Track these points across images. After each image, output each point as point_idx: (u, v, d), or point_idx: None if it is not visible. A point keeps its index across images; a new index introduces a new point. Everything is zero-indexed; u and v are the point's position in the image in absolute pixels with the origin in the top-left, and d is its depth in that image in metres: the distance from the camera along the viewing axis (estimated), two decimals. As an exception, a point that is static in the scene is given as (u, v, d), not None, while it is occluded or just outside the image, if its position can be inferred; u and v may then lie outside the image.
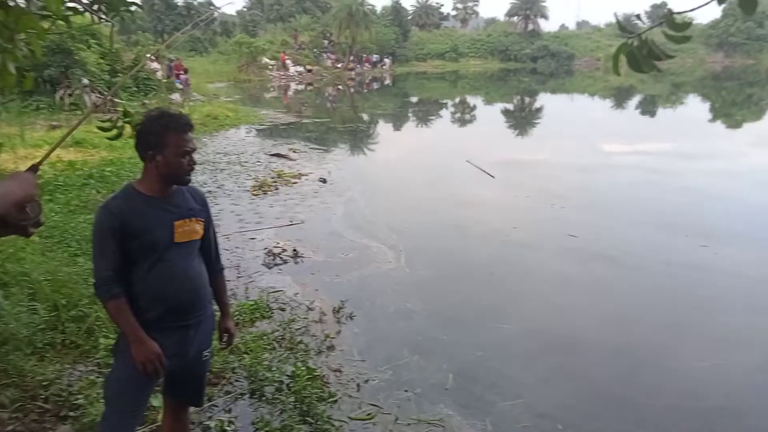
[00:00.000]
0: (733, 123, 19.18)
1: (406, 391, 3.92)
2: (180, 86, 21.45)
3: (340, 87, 34.76)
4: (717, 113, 22.04)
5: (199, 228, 2.44)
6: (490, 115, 23.08)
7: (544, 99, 28.87)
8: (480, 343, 4.60)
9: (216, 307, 2.65)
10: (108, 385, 2.43)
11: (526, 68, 48.41)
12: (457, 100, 29.19)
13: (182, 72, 22.39)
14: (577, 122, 19.06)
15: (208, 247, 2.55)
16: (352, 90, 34.32)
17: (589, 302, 5.44)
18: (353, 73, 43.64)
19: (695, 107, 24.02)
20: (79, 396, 3.35)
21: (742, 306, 5.27)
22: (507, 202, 8.93)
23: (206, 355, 2.60)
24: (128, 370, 2.29)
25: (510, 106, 26.06)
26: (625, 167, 11.36)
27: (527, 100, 28.58)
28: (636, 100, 27.76)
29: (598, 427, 3.65)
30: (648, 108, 24.72)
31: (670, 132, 16.77)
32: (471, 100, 28.93)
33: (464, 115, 23.62)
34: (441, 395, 3.88)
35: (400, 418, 3.62)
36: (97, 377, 3.58)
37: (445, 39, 55.62)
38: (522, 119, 21.84)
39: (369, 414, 3.65)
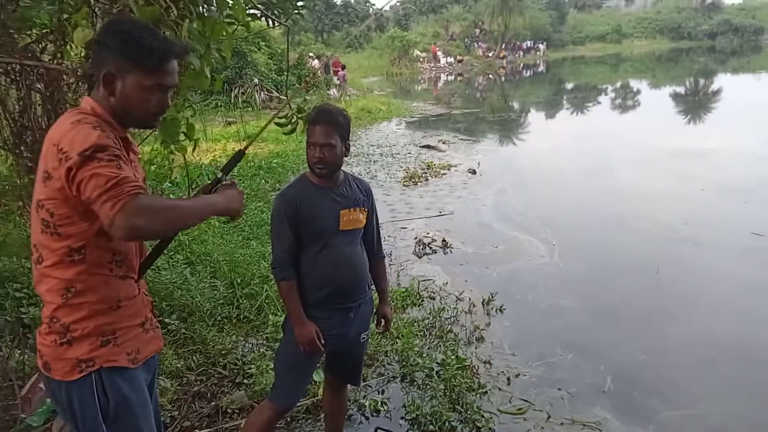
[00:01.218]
0: None
1: (559, 389, 3.78)
2: (337, 82, 22.60)
3: (490, 76, 34.16)
4: None
5: (362, 217, 2.58)
6: (656, 99, 21.14)
7: (722, 80, 25.75)
8: (642, 347, 4.28)
9: (375, 292, 2.78)
10: (277, 357, 2.67)
11: (702, 47, 43.50)
12: (618, 84, 27.17)
13: (340, 68, 23.54)
14: (762, 106, 16.72)
15: (370, 235, 2.69)
16: (503, 79, 33.54)
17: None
18: (505, 61, 42.61)
19: None
20: (252, 366, 3.71)
21: None
22: (677, 196, 8.13)
23: (364, 337, 2.74)
24: (294, 347, 2.50)
25: (681, 90, 23.64)
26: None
27: (702, 82, 25.71)
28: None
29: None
30: None
31: None
32: (635, 84, 26.75)
33: (626, 101, 21.91)
34: (597, 397, 3.69)
35: (552, 416, 3.50)
36: (267, 350, 3.94)
37: (606, 20, 51.97)
38: (695, 104, 19.70)
39: (519, 409, 3.58)
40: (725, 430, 3.34)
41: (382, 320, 2.80)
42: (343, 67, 23.94)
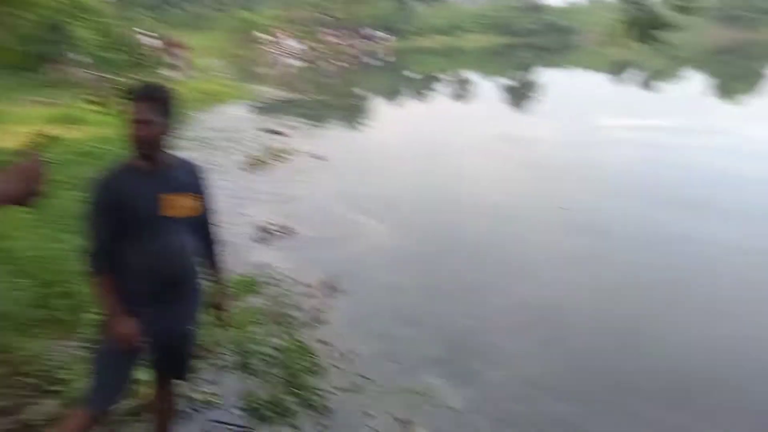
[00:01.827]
0: (731, 97, 19.00)
1: (395, 362, 3.93)
2: (176, 63, 21.21)
3: (338, 63, 34.37)
4: (716, 87, 21.83)
5: (192, 203, 2.41)
6: (488, 90, 22.88)
7: (544, 74, 28.59)
8: (470, 315, 4.62)
9: (208, 282, 2.64)
10: (92, 358, 2.44)
11: (527, 43, 47.87)
12: (456, 75, 28.92)
13: (178, 48, 22.10)
14: (576, 97, 18.88)
15: (204, 222, 2.53)
16: (350, 66, 33.95)
17: (580, 275, 5.43)
18: (352, 48, 43.15)
19: (696, 81, 23.77)
20: (64, 371, 3.36)
21: (729, 278, 5.27)
22: (501, 177, 8.88)
23: (192, 330, 2.59)
24: (110, 345, 2.30)
25: (509, 82, 25.82)
26: (621, 142, 11.28)
27: (527, 75, 28.31)
28: (637, 74, 27.48)
29: (584, 394, 3.66)
30: (648, 83, 24.48)
31: (668, 106, 16.63)
32: (470, 75, 28.66)
33: (463, 91, 23.41)
34: (430, 366, 3.90)
35: (387, 388, 3.64)
36: (82, 353, 3.58)
37: (448, 14, 54.80)
38: (520, 94, 21.65)
39: (356, 385, 3.67)
40: (535, 383, 3.71)
41: (219, 310, 2.69)
42: (182, 47, 22.53)
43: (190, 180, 2.44)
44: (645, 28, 1.40)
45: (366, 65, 34.27)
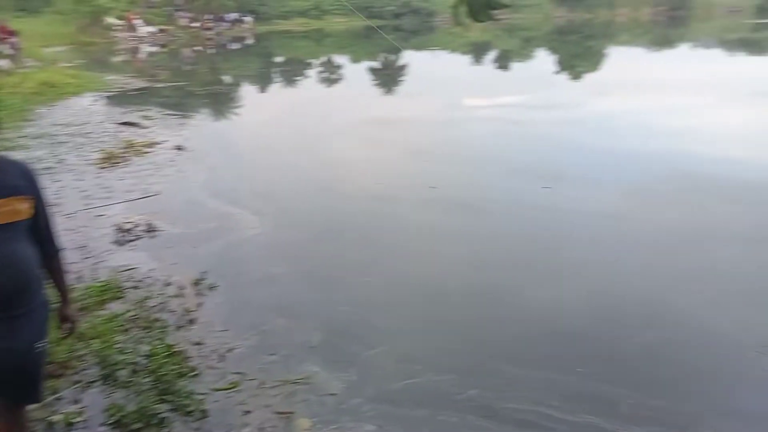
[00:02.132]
0: (576, 74, 20.82)
1: (271, 354, 3.88)
2: (8, 52, 18.92)
3: (197, 48, 32.69)
4: (562, 65, 23.77)
5: (24, 207, 2.15)
6: (356, 73, 23.02)
7: (408, 56, 29.34)
8: (347, 299, 4.66)
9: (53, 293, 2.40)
10: None
11: (390, 25, 48.76)
12: (323, 59, 28.74)
13: (8, 35, 19.70)
14: (439, 78, 19.61)
15: (39, 227, 2.27)
16: (210, 51, 32.44)
17: (450, 249, 5.70)
18: (211, 32, 41.19)
19: (544, 60, 25.71)
20: None
21: (581, 240, 5.81)
22: (372, 160, 9.02)
23: (39, 347, 2.34)
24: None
25: (376, 64, 26.17)
26: (482, 120, 11.93)
27: (392, 57, 28.88)
28: (492, 55, 29.12)
29: (456, 363, 3.86)
30: (503, 62, 26.05)
31: (522, 84, 17.84)
32: (337, 59, 28.64)
33: (331, 75, 23.35)
34: (307, 354, 3.90)
35: (265, 382, 3.59)
36: None
37: (309, -5, 54.03)
38: (387, 77, 22.06)
39: (232, 383, 3.57)
40: (410, 358, 3.86)
41: (66, 323, 2.46)
42: (14, 34, 20.12)
43: (19, 182, 2.18)
44: (482, 7, 1.47)
45: (227, 49, 32.96)
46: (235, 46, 34.86)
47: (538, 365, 3.84)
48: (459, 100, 14.82)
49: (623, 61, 23.58)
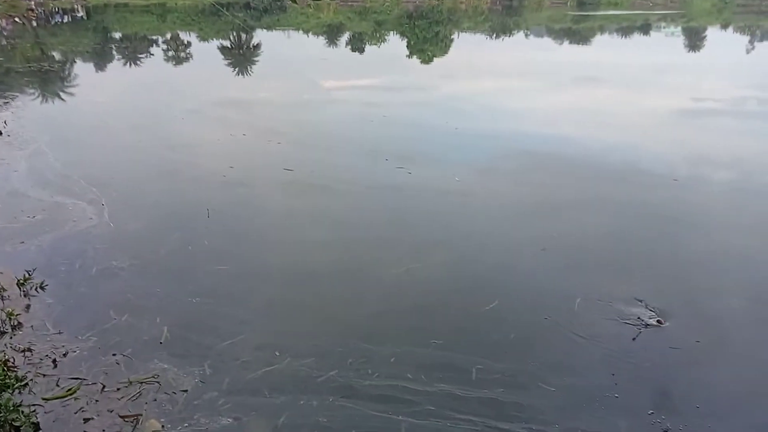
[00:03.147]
0: (426, 58, 21.64)
1: (113, 355, 3.57)
2: None
3: (17, 19, 28.79)
4: (413, 49, 24.57)
5: None
6: (206, 52, 21.79)
7: (261, 35, 28.42)
8: (198, 290, 4.42)
9: None
10: None
11: (239, 3, 46.81)
12: (168, 35, 26.81)
13: None
14: (294, 59, 19.26)
15: None
16: (34, 24, 28.75)
17: (307, 232, 5.64)
18: (33, 3, 36.48)
19: (396, 44, 26.37)
20: None
21: (434, 217, 6.05)
22: (224, 143, 8.61)
23: None
24: None
25: (227, 43, 25.00)
26: (338, 102, 11.93)
27: (244, 36, 27.77)
28: (346, 36, 29.23)
29: (316, 345, 3.84)
30: (357, 45, 26.27)
31: (376, 67, 18.14)
32: (184, 36, 26.89)
33: (178, 53, 21.85)
34: (155, 351, 3.64)
35: (107, 385, 3.29)
36: None
37: (147, -32, 49.84)
38: (240, 57, 21.18)
39: (69, 390, 3.23)
40: (267, 345, 3.77)
41: None
42: None
43: None
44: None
45: (57, 23, 29.48)
46: (63, 18, 31.25)
47: (395, 340, 3.95)
48: (314, 81, 14.68)
49: (468, 46, 24.99)
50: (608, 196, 6.58)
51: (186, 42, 25.12)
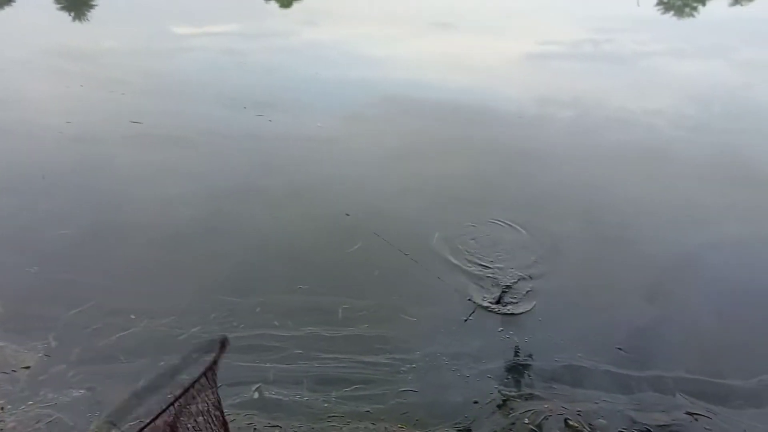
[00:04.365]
0: (286, 3, 20.82)
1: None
2: None
3: None
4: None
5: None
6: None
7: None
8: (36, 259, 4.02)
9: None
10: None
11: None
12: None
13: None
14: (140, 4, 17.56)
15: None
16: None
17: (162, 187, 5.31)
18: None
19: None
20: None
21: (298, 164, 5.96)
22: (59, 96, 7.74)
23: None
24: None
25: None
26: (192, 49, 11.14)
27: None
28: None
29: (175, 304, 3.70)
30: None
31: (233, 13, 17.11)
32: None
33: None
34: (-11, 328, 3.29)
35: (-70, 373, 2.93)
36: None
37: None
38: (75, 0, 18.88)
39: None
40: (121, 310, 3.56)
41: None
42: None
43: None
44: None
45: None
46: None
47: (261, 291, 3.91)
48: (165, 28, 13.55)
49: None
50: (464, 136, 6.90)
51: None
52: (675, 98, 8.58)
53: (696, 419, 2.95)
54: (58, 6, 17.15)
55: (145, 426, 1.69)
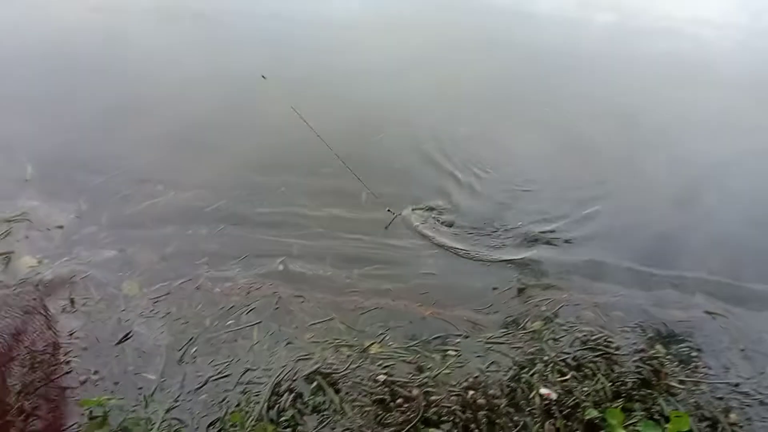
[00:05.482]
0: None
1: (-28, 195, 3.25)
2: None
3: None
4: None
5: None
6: None
7: None
8: (65, 126, 4.04)
9: None
10: None
11: None
12: None
13: None
14: None
15: None
16: None
17: (183, 64, 5.17)
18: None
19: None
20: None
21: (329, 51, 5.71)
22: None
23: None
24: None
25: None
26: None
27: None
28: None
29: (201, 178, 3.71)
30: None
31: None
32: None
33: None
34: (21, 189, 3.37)
35: (-31, 226, 3.03)
36: None
37: None
38: None
39: None
40: (149, 178, 3.59)
41: None
42: None
43: None
44: None
45: None
46: None
47: (285, 171, 3.89)
48: None
49: None
50: (498, 37, 6.51)
51: None
52: (726, 6, 7.96)
53: (714, 318, 2.97)
54: None
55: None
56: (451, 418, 2.38)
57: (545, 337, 2.80)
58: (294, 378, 2.50)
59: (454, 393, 2.48)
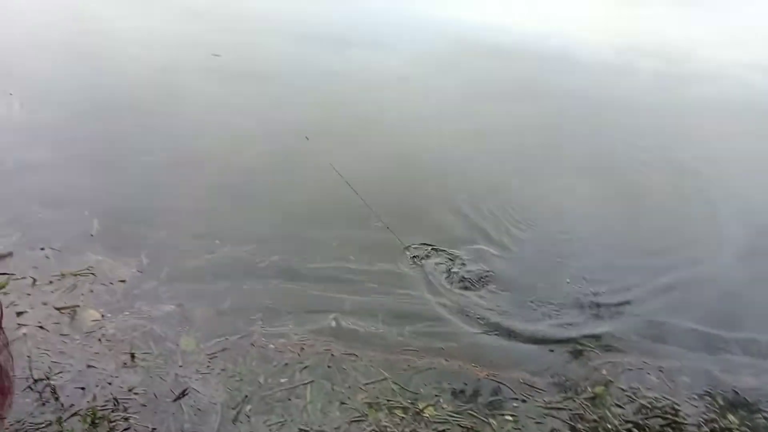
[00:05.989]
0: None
1: (42, 249, 3.40)
2: None
3: None
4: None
5: None
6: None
7: None
8: (126, 182, 4.21)
9: None
10: None
11: None
12: None
13: None
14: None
15: None
16: None
17: (238, 120, 5.38)
18: None
19: None
20: None
21: (373, 102, 5.90)
22: (143, 27, 7.89)
23: None
24: None
25: None
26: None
27: None
28: None
29: (255, 233, 3.79)
30: None
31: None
32: None
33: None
34: (86, 244, 3.49)
35: (39, 279, 3.16)
36: None
37: None
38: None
39: (-2, 285, 3.08)
40: (207, 234, 3.69)
41: None
42: None
43: None
44: None
45: None
46: None
47: (336, 225, 3.95)
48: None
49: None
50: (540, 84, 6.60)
51: None
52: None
53: (788, 385, 2.81)
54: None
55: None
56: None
57: (607, 403, 2.69)
58: (348, 441, 2.47)
59: (514, 462, 2.39)
